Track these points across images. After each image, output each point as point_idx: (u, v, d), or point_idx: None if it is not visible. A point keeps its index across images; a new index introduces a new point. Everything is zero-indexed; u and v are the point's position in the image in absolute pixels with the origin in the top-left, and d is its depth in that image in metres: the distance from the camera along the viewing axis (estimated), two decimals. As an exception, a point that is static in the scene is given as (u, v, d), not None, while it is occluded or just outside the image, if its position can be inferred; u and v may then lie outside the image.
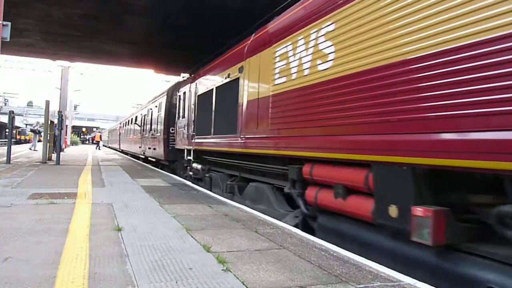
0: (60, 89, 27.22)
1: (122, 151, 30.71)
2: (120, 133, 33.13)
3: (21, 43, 16.63)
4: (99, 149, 36.01)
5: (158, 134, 14.73)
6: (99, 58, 20.30)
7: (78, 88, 44.78)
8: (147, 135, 17.88)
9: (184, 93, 11.55)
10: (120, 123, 34.65)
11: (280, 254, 3.38)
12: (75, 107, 52.01)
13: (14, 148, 23.19)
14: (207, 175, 9.28)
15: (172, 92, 13.96)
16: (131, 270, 2.79)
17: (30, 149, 23.69)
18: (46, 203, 5.46)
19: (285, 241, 3.87)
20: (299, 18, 5.15)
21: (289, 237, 4.06)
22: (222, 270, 2.87)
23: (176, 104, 12.92)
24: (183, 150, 11.28)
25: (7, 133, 17.08)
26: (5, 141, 31.02)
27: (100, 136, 43.41)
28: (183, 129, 11.20)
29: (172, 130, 13.31)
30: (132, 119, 24.89)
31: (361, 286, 2.68)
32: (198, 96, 9.89)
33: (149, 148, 16.80)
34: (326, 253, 3.49)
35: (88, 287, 2.45)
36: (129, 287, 2.48)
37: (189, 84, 11.01)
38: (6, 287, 2.38)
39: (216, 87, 8.35)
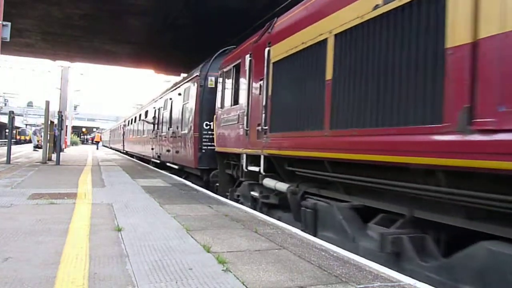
0: (60, 89, 27.23)
1: (127, 153, 26.98)
2: (124, 132, 28.98)
3: (21, 43, 16.67)
4: (97, 149, 36.14)
5: (184, 131, 10.70)
6: (99, 58, 20.35)
7: (78, 88, 44.87)
8: (164, 133, 13.78)
9: (236, 66, 7.46)
10: (125, 121, 29.92)
11: (280, 255, 3.38)
12: (75, 107, 52.06)
13: (14, 148, 23.21)
14: (309, 206, 4.90)
15: (207, 71, 9.74)
16: (131, 270, 2.79)
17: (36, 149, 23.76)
18: (46, 203, 5.46)
19: (285, 241, 3.87)
20: None
21: (289, 237, 4.06)
22: (222, 270, 2.87)
23: (216, 87, 9.10)
24: (228, 155, 7.94)
25: (7, 134, 17.08)
26: (5, 142, 31.04)
27: (100, 136, 43.52)
28: (234, 122, 7.35)
29: (207, 125, 9.59)
30: (140, 115, 20.87)
31: (361, 286, 2.67)
32: (274, 64, 5.74)
33: (168, 151, 12.85)
34: (326, 253, 3.49)
35: (88, 287, 2.45)
36: (129, 287, 2.48)
37: (249, 52, 6.78)
38: (6, 287, 2.38)
39: (337, 35, 4.32)
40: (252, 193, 6.55)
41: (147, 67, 22.58)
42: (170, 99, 13.18)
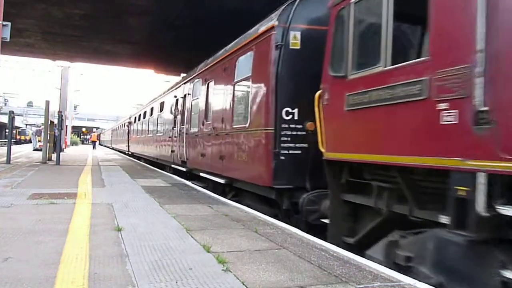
0: (60, 89, 27.26)
1: (133, 155, 23.11)
2: (129, 131, 25.11)
3: (21, 43, 16.70)
4: (94, 148, 36.29)
5: (241, 125, 6.75)
6: (99, 58, 20.39)
7: (78, 88, 44.90)
8: (194, 130, 9.69)
9: None
10: (130, 117, 25.99)
11: (280, 254, 3.38)
12: (75, 107, 52.08)
13: (14, 148, 23.21)
14: None
15: (289, 22, 5.77)
16: (131, 270, 2.79)
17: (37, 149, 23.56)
18: (46, 203, 5.46)
19: (285, 241, 3.87)
20: None
21: (289, 237, 4.06)
22: (222, 270, 2.87)
23: (303, 49, 5.69)
24: (351, 166, 4.41)
25: (7, 134, 17.09)
26: (5, 142, 31.04)
27: (96, 136, 43.62)
28: (408, 98, 3.43)
29: (289, 114, 5.68)
30: (151, 108, 16.80)
31: (361, 286, 2.67)
32: None
33: (203, 156, 8.76)
34: (326, 253, 3.49)
35: (88, 287, 2.45)
36: (129, 287, 2.48)
37: None
38: (6, 287, 2.38)
39: None
40: None
41: (147, 67, 22.61)
42: (206, 80, 9.03)
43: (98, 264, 2.90)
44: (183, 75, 15.40)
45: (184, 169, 10.55)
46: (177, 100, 11.93)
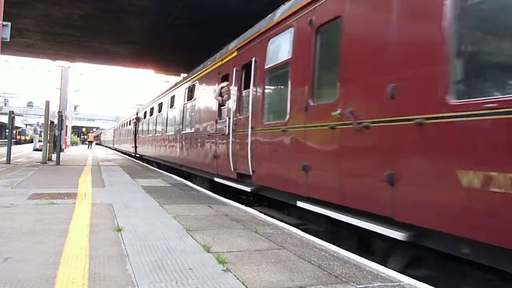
0: (60, 89, 27.26)
1: (141, 158, 19.34)
2: (136, 130, 21.14)
3: (21, 43, 16.73)
4: (90, 148, 36.46)
5: None
6: (99, 58, 20.42)
7: (78, 88, 44.84)
8: (278, 120, 5.43)
9: None
10: (137, 113, 21.83)
11: (280, 255, 3.38)
12: (75, 107, 52.09)
13: (14, 148, 23.21)
14: None
15: None
16: (131, 270, 2.79)
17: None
18: (46, 203, 5.45)
19: (285, 241, 3.87)
20: None
21: (289, 237, 4.06)
22: (222, 270, 2.87)
23: None
24: None
25: (7, 134, 17.08)
26: (5, 142, 31.03)
27: (94, 136, 43.76)
28: None
29: None
30: (171, 97, 12.84)
31: (361, 286, 2.67)
32: None
33: (307, 170, 4.60)
34: (326, 253, 3.49)
35: (88, 287, 2.45)
36: (129, 287, 2.48)
37: None
38: (6, 287, 2.38)
39: None
40: None
41: (147, 67, 22.64)
42: (312, 25, 4.73)
43: (98, 264, 2.90)
44: (183, 75, 15.16)
45: (246, 189, 6.34)
46: (223, 78, 7.98)
